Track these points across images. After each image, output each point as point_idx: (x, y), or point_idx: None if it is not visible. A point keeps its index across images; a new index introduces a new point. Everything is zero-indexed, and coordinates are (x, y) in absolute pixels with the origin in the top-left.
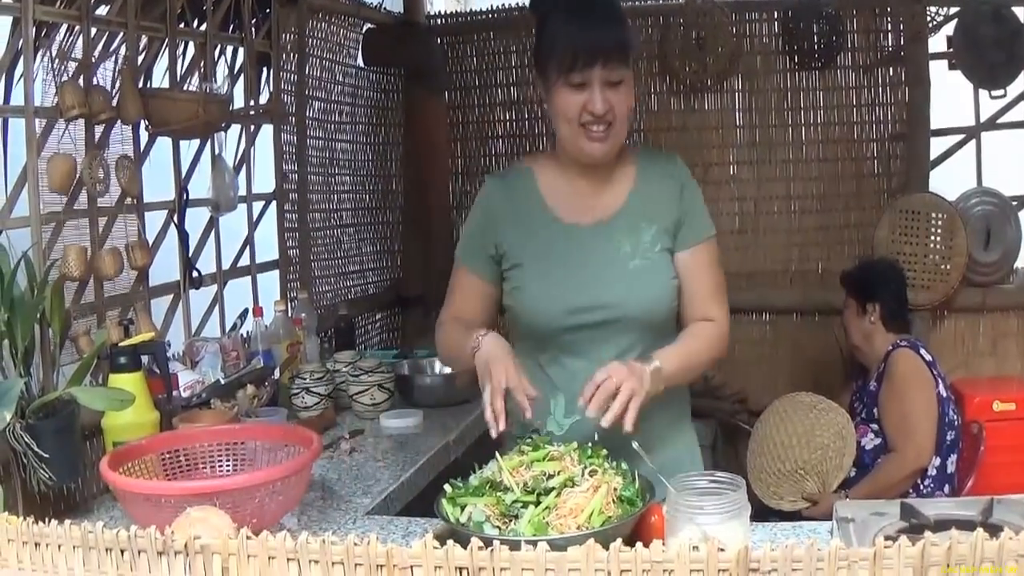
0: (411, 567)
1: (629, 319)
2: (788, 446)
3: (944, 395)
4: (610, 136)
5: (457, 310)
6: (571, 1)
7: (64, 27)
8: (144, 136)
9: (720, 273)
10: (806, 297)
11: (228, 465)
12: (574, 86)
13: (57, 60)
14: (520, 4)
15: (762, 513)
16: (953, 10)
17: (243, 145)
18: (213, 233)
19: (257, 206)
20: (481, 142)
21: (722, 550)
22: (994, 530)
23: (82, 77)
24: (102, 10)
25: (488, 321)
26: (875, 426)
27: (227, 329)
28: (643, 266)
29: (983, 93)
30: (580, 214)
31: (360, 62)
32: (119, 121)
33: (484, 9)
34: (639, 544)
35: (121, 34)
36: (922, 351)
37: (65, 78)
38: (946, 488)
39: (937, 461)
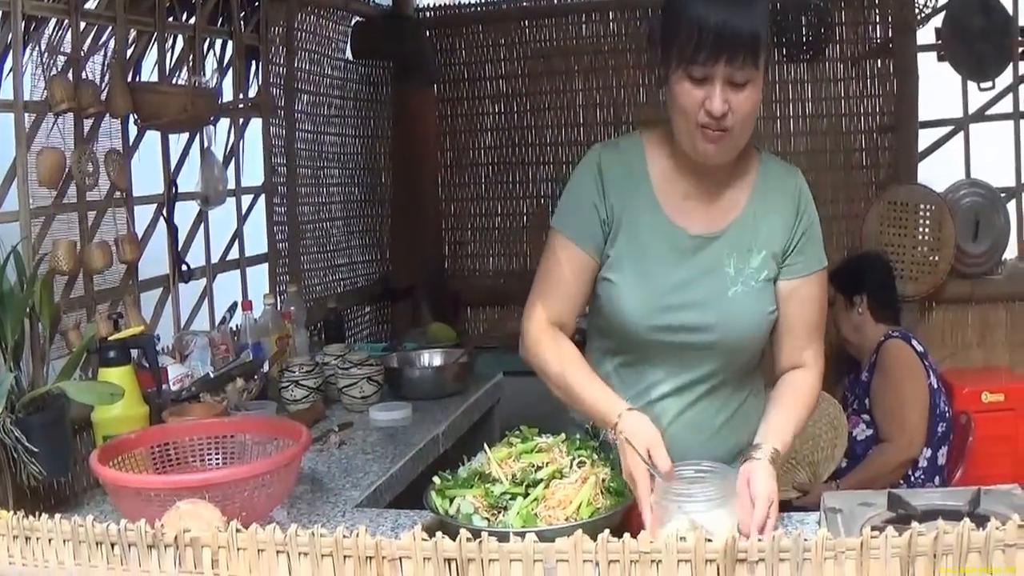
0: (400, 559)
1: (719, 346)
2: None
3: (936, 386)
4: (727, 140)
5: (557, 301)
6: None
7: (53, 21)
8: (133, 130)
9: (823, 308)
10: None
11: (218, 458)
12: (694, 80)
13: (46, 54)
14: None
15: None
16: (941, 2)
17: (232, 138)
18: (202, 226)
19: (246, 199)
20: (470, 135)
21: (710, 540)
22: (981, 520)
23: (71, 71)
24: (91, 4)
25: (584, 308)
26: (867, 417)
27: (216, 322)
28: (743, 294)
29: (971, 85)
30: (688, 217)
31: (349, 55)
32: (108, 115)
33: (473, 2)
34: (627, 535)
35: (110, 28)
36: (914, 342)
37: (54, 72)
38: (936, 480)
39: (928, 453)
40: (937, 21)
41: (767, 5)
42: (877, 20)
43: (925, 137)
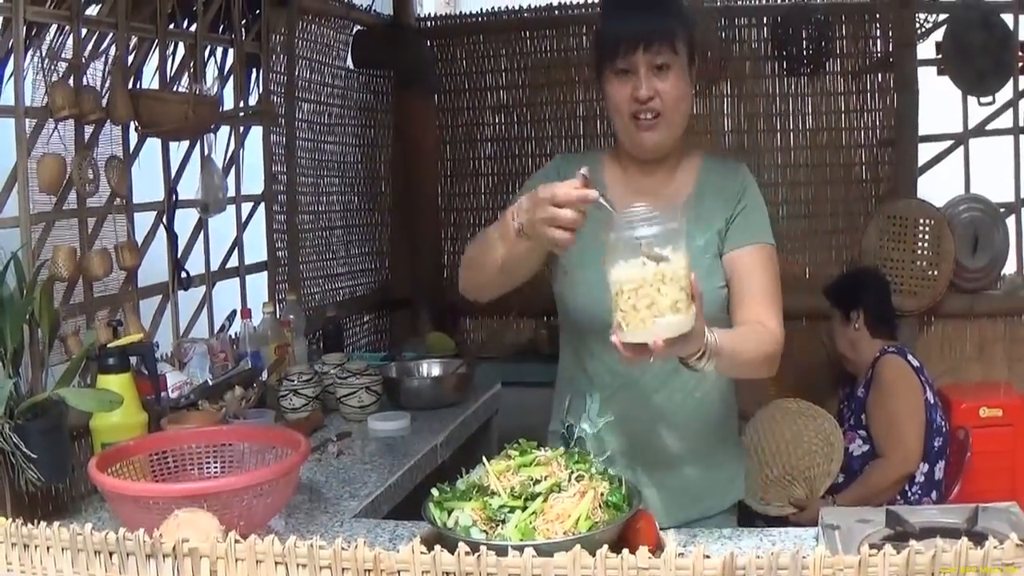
0: (398, 572)
1: None
2: (776, 452)
3: (932, 401)
4: (660, 125)
5: None
6: None
7: (54, 27)
8: (134, 137)
9: (775, 282)
10: (794, 302)
11: (216, 467)
12: (620, 74)
13: (47, 60)
14: (510, 8)
15: (749, 518)
16: (942, 16)
17: (232, 146)
18: (202, 234)
19: (246, 207)
20: (470, 145)
21: (707, 557)
22: (979, 538)
23: (72, 77)
24: (92, 10)
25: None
26: (863, 432)
27: (215, 330)
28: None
29: (971, 99)
30: None
31: (350, 64)
32: (109, 121)
33: (474, 11)
34: (625, 551)
35: (111, 34)
36: (909, 357)
37: (55, 78)
38: (933, 494)
39: (925, 467)
40: (938, 35)
41: (681, 5)
42: (878, 34)
43: (925, 151)
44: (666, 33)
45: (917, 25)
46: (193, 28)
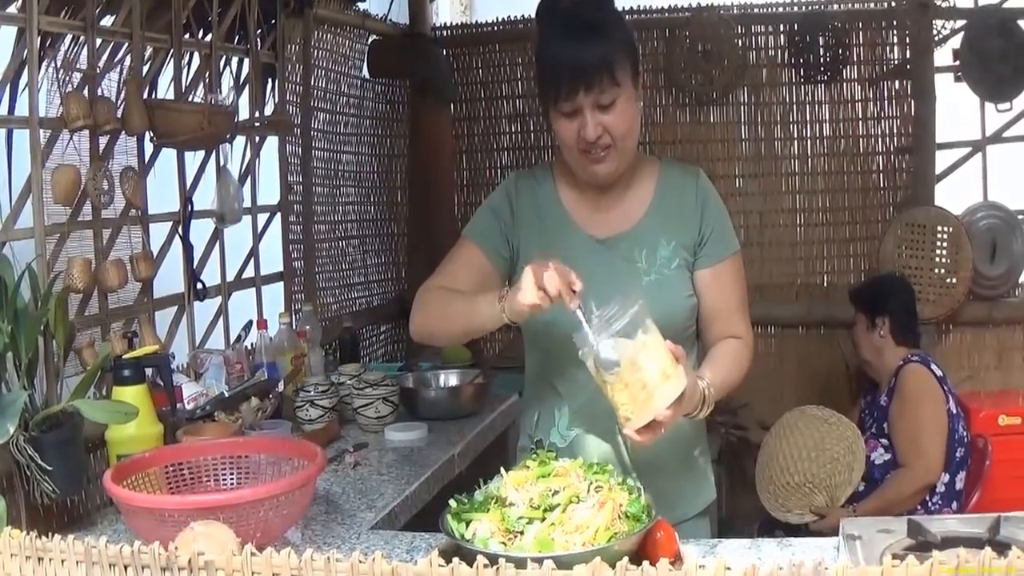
0: None
1: None
2: (797, 459)
3: (954, 411)
4: (613, 156)
5: (450, 281)
6: (553, 26)
7: (69, 37)
8: (149, 147)
9: (743, 288)
10: (811, 310)
11: (232, 478)
12: (566, 115)
13: (62, 70)
14: (526, 16)
15: (769, 525)
16: (960, 23)
17: (248, 156)
18: (217, 245)
19: (262, 218)
20: (486, 154)
21: (729, 568)
22: (1002, 548)
23: (87, 88)
24: (107, 20)
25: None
26: (885, 441)
27: (231, 341)
28: (657, 282)
29: (989, 106)
30: (596, 226)
31: (365, 74)
32: (124, 132)
33: (490, 21)
34: (645, 563)
35: (126, 44)
36: (933, 366)
37: (70, 89)
38: (954, 505)
39: (946, 478)
40: (955, 42)
41: (618, 23)
42: (895, 41)
43: (942, 159)
44: (606, 68)
45: (934, 32)
46: (208, 38)
